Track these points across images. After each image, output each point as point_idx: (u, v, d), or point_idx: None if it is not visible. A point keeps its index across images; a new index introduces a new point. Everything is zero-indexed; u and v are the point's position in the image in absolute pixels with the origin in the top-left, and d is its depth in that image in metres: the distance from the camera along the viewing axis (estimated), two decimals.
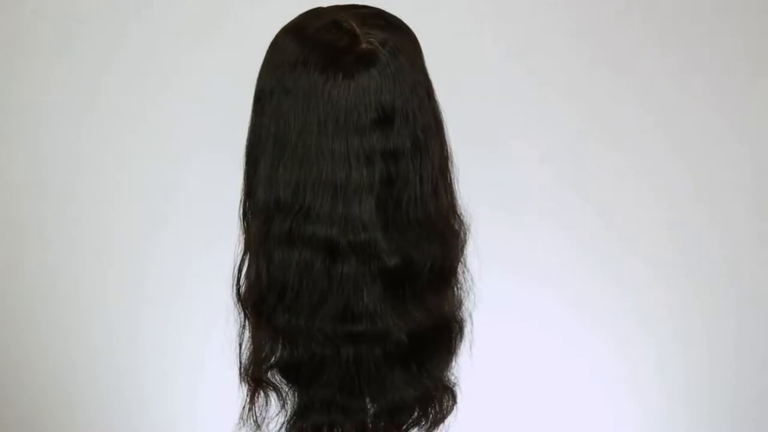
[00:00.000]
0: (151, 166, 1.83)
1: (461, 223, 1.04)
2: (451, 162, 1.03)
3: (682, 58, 1.90)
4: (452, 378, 1.08)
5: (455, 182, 1.03)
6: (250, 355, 1.04)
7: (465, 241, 1.05)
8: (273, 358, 1.02)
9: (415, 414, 1.05)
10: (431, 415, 1.07)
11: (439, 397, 1.07)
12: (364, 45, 0.95)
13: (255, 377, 1.04)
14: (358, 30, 0.96)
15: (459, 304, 1.06)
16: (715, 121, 1.92)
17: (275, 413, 1.05)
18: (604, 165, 1.93)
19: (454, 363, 1.07)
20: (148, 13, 1.81)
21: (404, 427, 1.06)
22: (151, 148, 1.82)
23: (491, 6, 1.87)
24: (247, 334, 1.04)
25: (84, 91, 1.80)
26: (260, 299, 1.01)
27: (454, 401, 1.08)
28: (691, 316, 1.98)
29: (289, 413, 1.04)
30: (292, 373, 1.03)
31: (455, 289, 1.05)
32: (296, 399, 1.04)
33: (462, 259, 1.05)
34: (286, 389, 1.04)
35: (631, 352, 1.99)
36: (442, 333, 1.04)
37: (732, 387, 2.00)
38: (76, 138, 1.82)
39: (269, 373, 1.03)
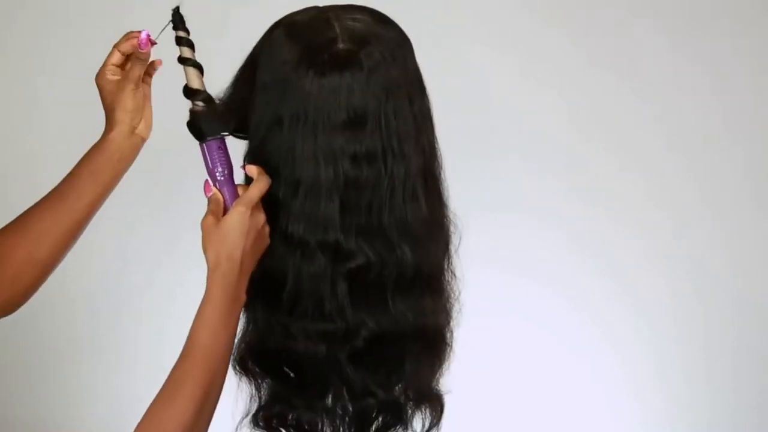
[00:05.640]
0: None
1: (447, 228, 1.03)
2: (438, 166, 1.02)
3: (682, 57, 1.90)
4: (439, 387, 1.06)
5: (442, 186, 1.02)
6: (239, 340, 1.04)
7: (450, 246, 1.04)
8: (250, 346, 1.03)
9: (381, 418, 1.04)
10: (404, 423, 1.06)
11: (404, 404, 1.05)
12: (341, 46, 0.95)
13: (238, 361, 1.04)
14: (338, 30, 0.96)
15: (441, 312, 1.04)
16: (716, 120, 1.92)
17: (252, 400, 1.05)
18: (604, 165, 1.93)
19: (438, 372, 1.05)
20: (147, 11, 1.81)
21: (371, 428, 1.05)
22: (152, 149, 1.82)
23: (491, 6, 1.86)
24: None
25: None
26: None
27: (441, 410, 1.07)
28: (692, 316, 1.98)
29: (261, 401, 1.05)
30: (266, 363, 1.04)
31: (438, 296, 1.04)
32: (269, 389, 1.04)
33: (447, 266, 1.03)
34: (260, 379, 1.04)
35: (631, 351, 1.99)
36: (418, 339, 1.03)
37: (732, 387, 2.00)
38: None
39: (249, 362, 1.03)
